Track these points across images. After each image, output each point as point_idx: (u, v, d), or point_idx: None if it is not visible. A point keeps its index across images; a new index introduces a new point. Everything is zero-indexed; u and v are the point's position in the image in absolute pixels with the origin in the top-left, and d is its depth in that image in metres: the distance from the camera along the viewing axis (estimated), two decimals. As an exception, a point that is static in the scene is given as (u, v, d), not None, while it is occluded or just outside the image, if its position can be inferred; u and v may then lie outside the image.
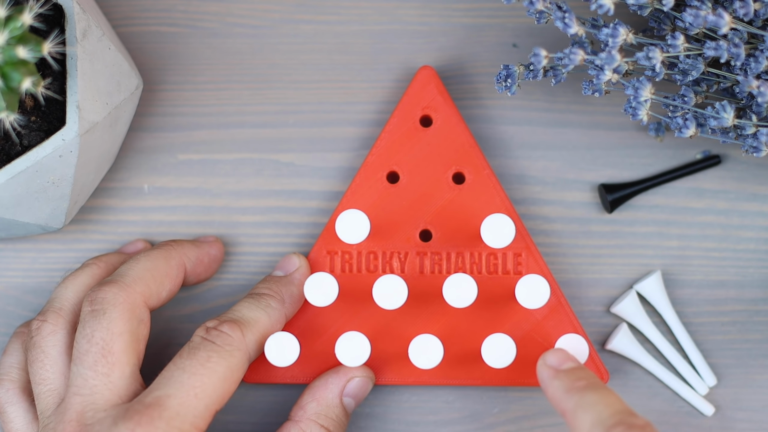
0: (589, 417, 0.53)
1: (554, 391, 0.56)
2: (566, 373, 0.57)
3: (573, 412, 0.54)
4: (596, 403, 0.54)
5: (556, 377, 0.57)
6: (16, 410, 0.60)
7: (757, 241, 0.65)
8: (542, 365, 0.58)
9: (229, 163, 0.66)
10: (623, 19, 0.63)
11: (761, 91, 0.57)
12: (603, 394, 0.54)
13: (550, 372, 0.57)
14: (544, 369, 0.58)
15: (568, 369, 0.57)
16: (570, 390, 0.55)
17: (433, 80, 0.64)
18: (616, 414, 0.53)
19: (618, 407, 0.53)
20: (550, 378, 0.57)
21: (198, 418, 0.56)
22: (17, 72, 0.52)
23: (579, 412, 0.54)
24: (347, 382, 0.61)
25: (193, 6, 0.66)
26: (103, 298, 0.58)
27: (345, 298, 0.63)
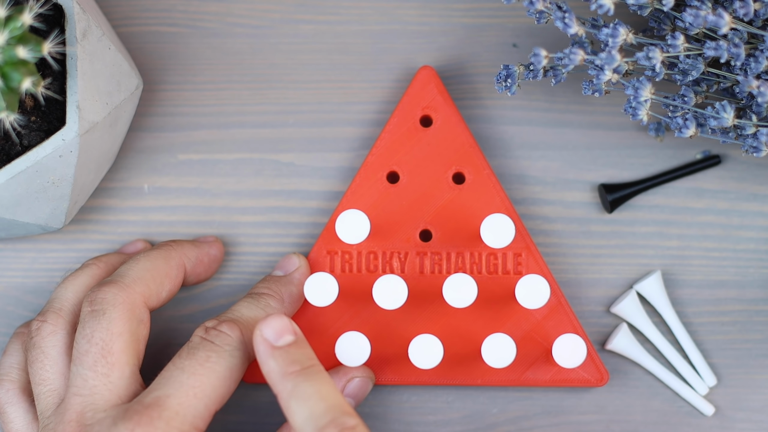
0: (302, 411, 0.52)
1: (269, 371, 0.54)
2: (282, 352, 0.55)
3: (287, 400, 0.53)
4: (310, 396, 0.53)
5: (271, 356, 0.55)
6: (16, 410, 0.60)
7: (757, 241, 0.65)
8: (258, 337, 0.55)
9: (229, 163, 0.66)
10: (623, 19, 0.63)
11: (761, 91, 0.57)
12: (317, 384, 0.53)
13: (266, 348, 0.55)
14: (261, 343, 0.55)
15: (285, 347, 0.55)
16: (285, 375, 0.54)
17: (433, 80, 0.64)
18: (329, 411, 0.52)
19: (332, 401, 0.52)
20: (266, 355, 0.55)
21: (197, 418, 0.56)
22: (17, 72, 0.52)
23: (292, 402, 0.53)
24: (347, 382, 0.61)
25: (193, 6, 0.66)
26: (102, 298, 0.58)
27: (345, 298, 0.63)
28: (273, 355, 0.55)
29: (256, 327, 0.55)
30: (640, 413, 0.64)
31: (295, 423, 0.53)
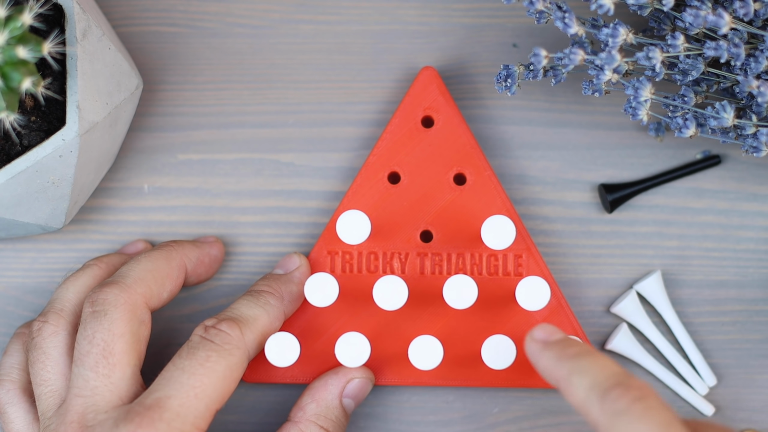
0: (585, 381, 0.51)
1: (546, 362, 0.54)
2: (556, 343, 0.55)
3: (567, 378, 0.52)
4: (591, 367, 0.52)
5: (546, 348, 0.55)
6: (17, 411, 0.60)
7: (757, 241, 0.65)
8: (530, 340, 0.56)
9: (229, 163, 0.66)
10: (623, 19, 0.63)
11: (761, 91, 0.57)
12: (597, 358, 0.53)
13: (539, 345, 0.55)
14: (533, 344, 0.55)
15: (558, 339, 0.55)
16: (562, 358, 0.53)
17: (434, 81, 0.64)
18: (612, 376, 0.51)
19: (614, 369, 0.52)
20: (540, 351, 0.55)
21: (199, 419, 0.56)
22: (17, 72, 0.52)
23: (573, 377, 0.52)
24: (347, 383, 0.61)
25: (193, 6, 0.66)
26: (104, 299, 0.58)
27: (345, 298, 0.63)
28: (548, 347, 0.54)
29: (527, 335, 0.56)
30: (640, 413, 0.64)
31: (577, 398, 0.52)
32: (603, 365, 0.52)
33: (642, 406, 0.49)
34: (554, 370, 0.53)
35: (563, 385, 0.53)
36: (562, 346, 0.54)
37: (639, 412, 0.49)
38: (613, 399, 0.50)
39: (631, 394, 0.50)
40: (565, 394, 0.53)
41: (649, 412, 0.49)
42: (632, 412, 0.49)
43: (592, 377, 0.51)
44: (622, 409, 0.49)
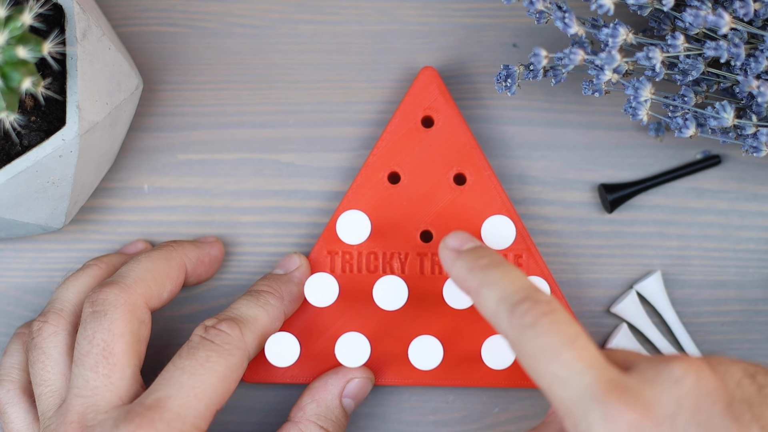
0: (494, 294, 0.52)
1: (457, 271, 0.54)
2: (468, 252, 0.55)
3: (477, 290, 0.53)
4: (500, 280, 0.52)
5: (458, 258, 0.55)
6: (17, 411, 0.60)
7: (757, 241, 0.65)
8: (443, 248, 0.56)
9: (229, 163, 0.66)
10: (623, 19, 0.63)
11: (761, 91, 0.57)
12: (506, 270, 0.53)
13: (452, 254, 0.55)
14: (446, 252, 0.55)
15: (470, 248, 0.55)
16: (473, 268, 0.54)
17: (435, 81, 0.64)
18: (520, 290, 0.52)
19: (522, 283, 0.52)
20: (452, 260, 0.55)
21: (199, 419, 0.56)
22: (17, 72, 0.52)
23: (483, 289, 0.53)
24: (347, 383, 0.61)
25: (193, 6, 0.66)
26: (104, 299, 0.58)
27: (345, 298, 0.63)
28: (460, 256, 0.55)
29: (441, 243, 0.56)
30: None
31: (487, 310, 0.52)
32: (512, 278, 0.52)
33: (548, 320, 0.50)
34: (465, 281, 0.54)
35: (474, 296, 0.53)
36: (474, 255, 0.54)
37: (546, 326, 0.50)
38: (521, 313, 0.50)
39: (538, 309, 0.50)
40: (476, 305, 0.53)
41: (556, 326, 0.50)
42: (539, 326, 0.50)
43: (501, 290, 0.52)
44: (530, 323, 0.50)
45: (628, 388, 0.48)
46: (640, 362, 0.50)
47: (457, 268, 0.54)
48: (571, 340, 0.49)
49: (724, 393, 0.49)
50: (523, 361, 0.50)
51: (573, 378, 0.49)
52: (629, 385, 0.48)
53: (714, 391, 0.49)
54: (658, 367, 0.49)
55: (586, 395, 0.48)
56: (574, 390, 0.48)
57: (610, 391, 0.48)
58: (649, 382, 0.49)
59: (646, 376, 0.49)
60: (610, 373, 0.49)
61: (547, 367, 0.49)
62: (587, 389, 0.48)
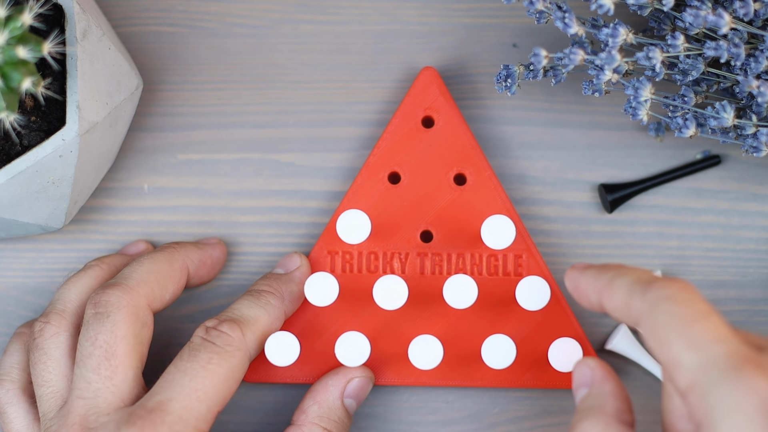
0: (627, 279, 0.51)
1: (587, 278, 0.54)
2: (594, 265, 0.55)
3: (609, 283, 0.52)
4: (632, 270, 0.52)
5: (586, 269, 0.55)
6: (17, 411, 0.60)
7: (757, 241, 0.65)
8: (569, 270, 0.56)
9: (229, 163, 0.66)
10: (623, 19, 0.63)
11: (761, 91, 0.57)
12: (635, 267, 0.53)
13: (577, 270, 0.55)
14: (572, 271, 0.55)
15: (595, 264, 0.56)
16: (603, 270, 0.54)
17: (435, 81, 0.64)
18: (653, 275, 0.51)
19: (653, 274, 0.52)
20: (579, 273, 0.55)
21: (200, 421, 0.56)
22: (17, 72, 0.52)
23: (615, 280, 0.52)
24: (347, 383, 0.61)
25: (193, 6, 0.66)
26: (106, 301, 0.58)
27: (345, 298, 0.63)
28: (587, 268, 0.55)
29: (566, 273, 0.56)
30: (640, 413, 0.64)
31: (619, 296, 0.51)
32: (642, 269, 0.52)
33: (685, 294, 0.49)
34: (595, 282, 0.53)
35: (605, 292, 0.52)
36: (599, 265, 0.54)
37: (682, 298, 0.49)
38: (658, 287, 0.50)
39: (675, 284, 0.50)
40: (606, 299, 0.52)
41: (692, 299, 0.49)
42: (676, 298, 0.49)
43: (635, 275, 0.52)
44: (666, 295, 0.49)
45: (763, 364, 0.46)
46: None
47: (587, 275, 0.54)
48: (707, 314, 0.48)
49: None
50: (653, 332, 0.49)
51: (705, 346, 0.47)
52: (764, 362, 0.46)
53: None
54: None
55: (718, 365, 0.46)
56: (706, 359, 0.47)
57: (745, 363, 0.46)
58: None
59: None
60: (745, 348, 0.47)
61: (679, 335, 0.48)
62: (720, 359, 0.46)
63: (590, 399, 0.53)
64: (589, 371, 0.55)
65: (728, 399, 0.46)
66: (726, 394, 0.46)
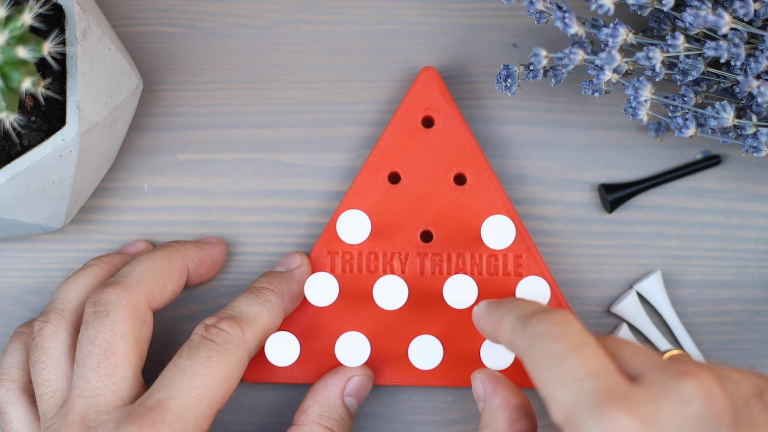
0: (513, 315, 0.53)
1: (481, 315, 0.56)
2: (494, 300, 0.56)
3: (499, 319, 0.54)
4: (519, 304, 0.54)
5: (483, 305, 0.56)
6: (17, 410, 0.60)
7: (757, 241, 0.65)
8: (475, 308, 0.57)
9: (229, 163, 0.66)
10: (623, 19, 0.63)
11: (761, 91, 0.57)
12: (527, 300, 0.55)
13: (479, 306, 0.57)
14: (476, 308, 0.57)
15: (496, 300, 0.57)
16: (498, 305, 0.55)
17: (435, 81, 0.64)
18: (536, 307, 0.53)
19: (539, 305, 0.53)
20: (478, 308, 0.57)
21: (200, 419, 0.56)
22: (17, 72, 0.52)
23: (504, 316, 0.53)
24: (347, 381, 0.61)
25: (193, 6, 0.66)
26: (106, 299, 0.58)
27: (345, 298, 0.63)
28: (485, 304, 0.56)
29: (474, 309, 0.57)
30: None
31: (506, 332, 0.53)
32: (530, 302, 0.54)
33: (559, 329, 0.50)
34: (490, 318, 0.55)
35: (497, 329, 0.54)
36: (499, 300, 0.56)
37: (555, 334, 0.50)
38: (535, 323, 0.51)
39: (551, 318, 0.51)
40: (499, 336, 0.54)
41: (565, 334, 0.50)
42: (549, 334, 0.50)
43: (520, 310, 0.53)
44: (541, 331, 0.51)
45: (631, 399, 0.48)
46: (651, 374, 0.49)
47: (482, 312, 0.56)
48: (579, 348, 0.49)
49: (730, 415, 0.48)
50: (532, 369, 0.51)
51: (575, 383, 0.48)
52: (633, 396, 0.48)
53: (720, 413, 0.48)
54: (667, 382, 0.48)
55: (586, 401, 0.48)
56: (575, 395, 0.48)
57: (611, 400, 0.47)
58: (654, 397, 0.48)
59: (654, 391, 0.48)
60: (615, 382, 0.48)
61: (552, 372, 0.49)
62: (588, 395, 0.48)
63: (485, 415, 0.55)
64: (480, 385, 0.57)
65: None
66: (593, 430, 0.47)
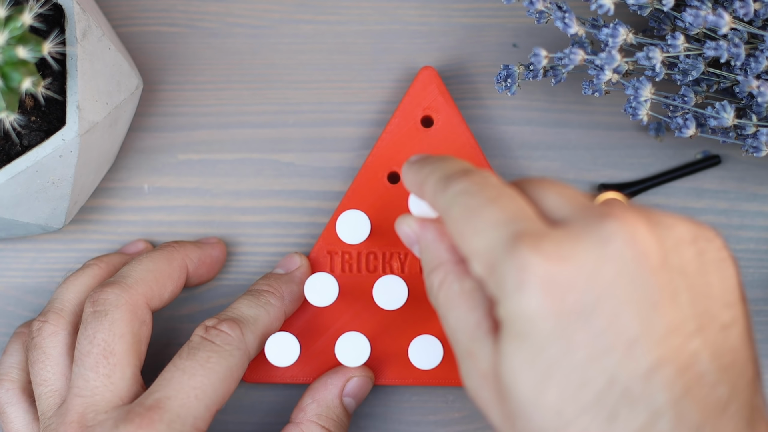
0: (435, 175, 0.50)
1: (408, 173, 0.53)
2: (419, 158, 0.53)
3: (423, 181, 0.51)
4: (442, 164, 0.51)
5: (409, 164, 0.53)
6: (16, 410, 0.60)
7: (757, 241, 0.65)
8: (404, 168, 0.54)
9: (229, 163, 0.66)
10: (623, 19, 0.63)
11: (761, 91, 0.57)
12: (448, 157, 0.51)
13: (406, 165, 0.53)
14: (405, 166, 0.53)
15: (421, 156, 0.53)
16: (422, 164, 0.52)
17: (434, 81, 0.64)
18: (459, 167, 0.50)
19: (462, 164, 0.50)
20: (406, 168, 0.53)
21: (199, 420, 0.56)
22: (17, 72, 0.52)
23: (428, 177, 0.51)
24: (346, 381, 0.61)
25: (193, 6, 0.66)
26: (105, 299, 0.58)
27: (345, 298, 0.63)
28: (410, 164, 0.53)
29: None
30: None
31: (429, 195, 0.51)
32: (454, 161, 0.51)
33: (479, 185, 0.48)
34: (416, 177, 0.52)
35: (422, 189, 0.51)
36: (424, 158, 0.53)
37: (475, 190, 0.48)
38: (455, 183, 0.49)
39: (471, 178, 0.49)
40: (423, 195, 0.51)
41: (483, 188, 0.48)
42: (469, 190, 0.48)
43: (442, 171, 0.50)
44: (461, 189, 0.48)
45: (545, 239, 0.45)
46: (573, 215, 0.47)
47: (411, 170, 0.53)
48: (495, 198, 0.47)
49: (656, 256, 0.45)
50: (452, 228, 0.48)
51: (491, 230, 0.46)
52: (548, 236, 0.45)
53: (644, 254, 0.45)
54: (588, 223, 0.46)
55: (501, 246, 0.46)
56: (491, 241, 0.46)
57: (522, 241, 0.45)
58: (572, 237, 0.45)
59: (573, 231, 0.46)
60: (532, 225, 0.46)
61: (468, 224, 0.47)
62: (503, 240, 0.46)
63: (424, 254, 0.52)
64: (408, 228, 0.53)
65: (509, 277, 0.45)
66: (507, 275, 0.45)
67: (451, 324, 0.50)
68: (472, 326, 0.48)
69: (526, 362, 0.45)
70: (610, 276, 0.45)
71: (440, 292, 0.50)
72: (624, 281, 0.45)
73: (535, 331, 0.45)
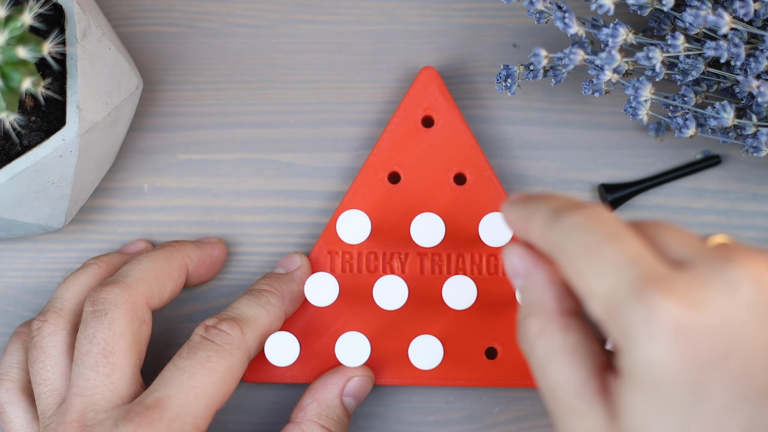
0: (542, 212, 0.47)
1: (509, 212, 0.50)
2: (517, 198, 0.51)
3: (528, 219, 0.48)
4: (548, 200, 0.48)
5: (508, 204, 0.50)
6: (16, 410, 0.60)
7: (757, 241, 0.65)
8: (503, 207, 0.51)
9: (229, 163, 0.66)
10: (623, 19, 0.63)
11: (761, 91, 0.57)
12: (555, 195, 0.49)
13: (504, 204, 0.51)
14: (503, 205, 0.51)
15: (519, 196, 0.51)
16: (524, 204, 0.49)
17: (435, 81, 0.64)
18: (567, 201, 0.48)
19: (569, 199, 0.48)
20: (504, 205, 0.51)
21: (198, 419, 0.56)
22: (17, 72, 0.52)
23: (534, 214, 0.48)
24: (347, 381, 0.62)
25: (193, 6, 0.66)
26: (105, 298, 0.58)
27: (345, 298, 0.63)
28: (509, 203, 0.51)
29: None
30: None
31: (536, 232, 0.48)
32: (561, 197, 0.49)
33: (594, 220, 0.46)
34: (520, 215, 0.50)
35: (528, 227, 0.49)
36: (527, 195, 0.50)
37: (590, 225, 0.46)
38: (568, 217, 0.47)
39: (584, 211, 0.47)
40: (530, 235, 0.49)
41: (601, 225, 0.46)
42: (584, 225, 0.46)
43: (551, 205, 0.48)
44: (575, 223, 0.46)
45: (674, 284, 0.43)
46: (695, 259, 0.45)
47: (514, 209, 0.50)
48: (614, 235, 0.45)
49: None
50: (566, 265, 0.46)
51: (613, 271, 0.44)
52: (676, 280, 0.44)
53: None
54: (714, 267, 0.44)
55: (626, 289, 0.44)
56: (614, 283, 0.44)
57: (653, 285, 0.43)
58: (701, 282, 0.44)
59: (699, 276, 0.44)
60: (656, 267, 0.44)
61: (586, 263, 0.45)
62: (628, 282, 0.44)
63: (527, 292, 0.50)
64: (518, 260, 0.50)
65: (637, 324, 0.43)
66: (636, 322, 0.43)
67: (551, 378, 0.47)
68: (577, 384, 0.46)
69: (660, 415, 0.43)
70: (740, 323, 0.44)
71: (539, 340, 0.48)
72: (754, 329, 0.44)
73: (668, 382, 0.43)
